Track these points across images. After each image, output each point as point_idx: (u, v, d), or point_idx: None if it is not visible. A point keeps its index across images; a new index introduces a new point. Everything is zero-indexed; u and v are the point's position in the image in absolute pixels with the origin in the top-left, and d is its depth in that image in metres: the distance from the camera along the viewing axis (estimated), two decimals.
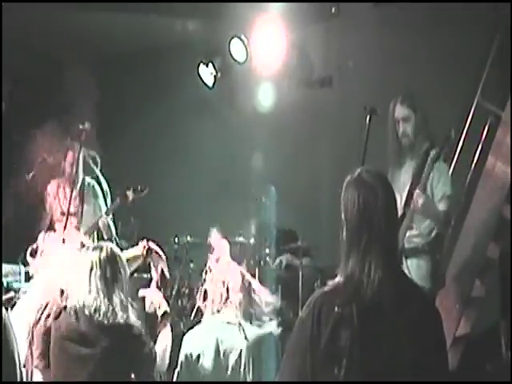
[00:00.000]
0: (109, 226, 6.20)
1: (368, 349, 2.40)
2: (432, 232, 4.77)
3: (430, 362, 2.43)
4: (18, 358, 2.86)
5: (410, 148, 4.84)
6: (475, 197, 5.62)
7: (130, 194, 6.24)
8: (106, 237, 6.16)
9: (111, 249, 3.67)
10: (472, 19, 6.16)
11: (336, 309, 2.42)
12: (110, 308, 3.51)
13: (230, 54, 6.97)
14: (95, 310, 3.49)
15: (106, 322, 3.48)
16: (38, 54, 7.39)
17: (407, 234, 4.64)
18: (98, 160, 6.43)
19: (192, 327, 3.84)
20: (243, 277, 3.81)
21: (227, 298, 3.71)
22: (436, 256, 4.75)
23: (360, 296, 2.43)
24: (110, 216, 6.21)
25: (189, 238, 7.16)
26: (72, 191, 6.08)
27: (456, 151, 5.84)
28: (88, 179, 6.42)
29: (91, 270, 3.55)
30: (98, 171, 6.46)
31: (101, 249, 3.63)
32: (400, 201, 4.56)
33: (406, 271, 2.93)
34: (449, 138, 4.57)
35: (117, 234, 6.37)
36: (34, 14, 6.79)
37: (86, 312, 3.50)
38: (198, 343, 3.62)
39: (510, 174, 5.40)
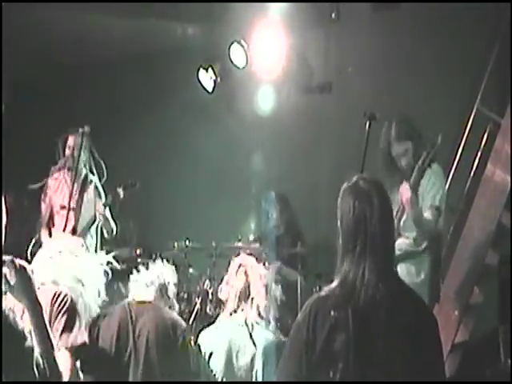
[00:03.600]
0: (107, 219, 6.10)
1: (363, 352, 2.42)
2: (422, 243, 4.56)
3: (425, 365, 2.44)
4: None
5: (407, 169, 4.58)
6: (474, 204, 5.63)
7: (120, 190, 6.17)
8: (106, 235, 6.11)
9: None
10: (472, 26, 6.18)
11: (331, 313, 2.45)
12: None
13: (230, 59, 6.97)
14: None
15: None
16: (38, 56, 7.34)
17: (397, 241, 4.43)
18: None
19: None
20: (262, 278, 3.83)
21: (249, 296, 3.71)
22: (428, 268, 4.57)
23: (354, 300, 2.45)
24: (108, 211, 6.12)
25: (188, 243, 7.15)
26: (73, 185, 6.00)
27: (455, 158, 5.86)
28: (91, 176, 6.27)
29: None
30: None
31: None
32: None
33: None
34: (435, 145, 4.40)
35: (117, 230, 6.25)
36: (32, 16, 6.76)
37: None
38: (211, 343, 3.62)
39: (508, 181, 5.41)
